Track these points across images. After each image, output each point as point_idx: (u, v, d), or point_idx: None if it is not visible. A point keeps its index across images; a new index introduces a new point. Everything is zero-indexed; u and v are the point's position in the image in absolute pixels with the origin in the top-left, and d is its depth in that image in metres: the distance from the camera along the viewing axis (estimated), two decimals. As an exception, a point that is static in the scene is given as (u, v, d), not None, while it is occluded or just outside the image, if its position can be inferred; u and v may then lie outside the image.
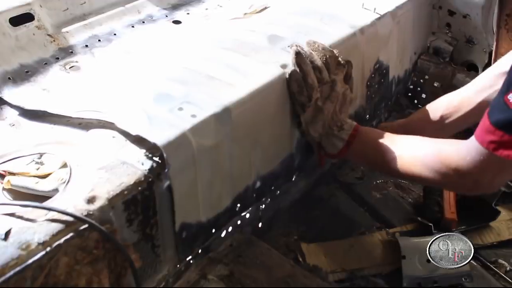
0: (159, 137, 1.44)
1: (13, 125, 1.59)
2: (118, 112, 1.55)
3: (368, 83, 2.27)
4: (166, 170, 1.44)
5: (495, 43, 2.42)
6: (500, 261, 2.29)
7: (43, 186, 1.39)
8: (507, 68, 1.62)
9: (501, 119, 1.41)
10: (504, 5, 2.33)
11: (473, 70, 2.64)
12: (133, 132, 1.47)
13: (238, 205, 1.79)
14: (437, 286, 2.17)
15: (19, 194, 1.40)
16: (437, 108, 2.02)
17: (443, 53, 2.74)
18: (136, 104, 1.59)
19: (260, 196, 1.90)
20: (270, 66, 1.81)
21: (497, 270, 2.25)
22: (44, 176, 1.41)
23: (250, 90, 1.70)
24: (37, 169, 1.43)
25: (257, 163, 1.80)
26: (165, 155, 1.42)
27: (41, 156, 1.46)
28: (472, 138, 1.51)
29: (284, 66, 1.81)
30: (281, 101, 1.82)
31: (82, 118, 1.57)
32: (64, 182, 1.36)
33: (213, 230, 1.73)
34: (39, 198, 1.35)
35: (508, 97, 1.39)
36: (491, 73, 1.89)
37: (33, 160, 1.45)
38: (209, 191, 1.63)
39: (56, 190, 1.36)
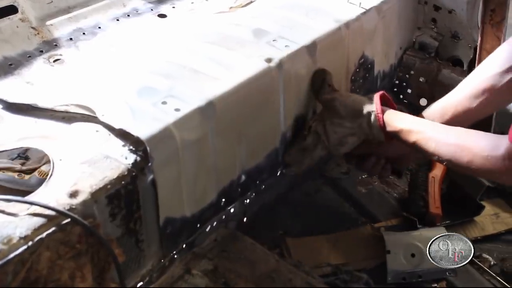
0: (143, 131, 1.43)
1: (-4, 119, 1.57)
2: (102, 105, 1.54)
3: (353, 77, 2.27)
4: (150, 164, 1.43)
5: (480, 39, 2.42)
6: (484, 255, 2.31)
7: (27, 181, 1.38)
8: (495, 71, 1.62)
9: None
10: (489, 0, 2.33)
11: (458, 66, 2.65)
12: (117, 126, 1.46)
13: (223, 199, 1.78)
14: (422, 280, 2.19)
15: (3, 190, 1.39)
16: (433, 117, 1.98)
17: (429, 48, 2.74)
18: (119, 98, 1.57)
19: (245, 190, 1.90)
20: (255, 60, 1.81)
21: (481, 265, 2.27)
22: (28, 172, 1.40)
23: (234, 84, 1.69)
24: (22, 164, 1.42)
25: (242, 157, 1.79)
26: (148, 149, 1.41)
27: (25, 151, 1.44)
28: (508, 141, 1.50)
29: (268, 60, 1.80)
30: (266, 95, 1.81)
31: (66, 112, 1.56)
32: (47, 178, 1.34)
33: (198, 225, 1.72)
34: (24, 193, 1.33)
35: None
36: (479, 78, 1.89)
37: (18, 155, 1.44)
38: (193, 185, 1.62)
39: (40, 187, 1.34)
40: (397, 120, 1.81)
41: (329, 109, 1.90)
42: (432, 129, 1.76)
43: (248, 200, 2.00)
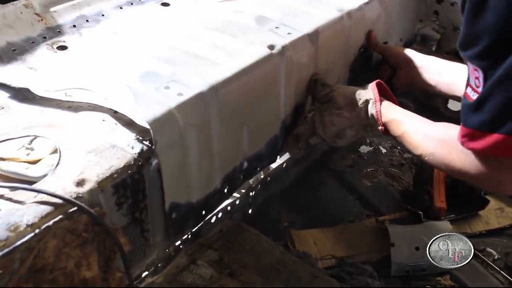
0: (146, 114, 1.42)
1: (2, 108, 1.55)
2: (105, 90, 1.54)
3: (352, 67, 2.27)
4: (153, 147, 1.42)
5: (483, 31, 2.41)
6: (488, 249, 2.31)
7: (33, 171, 1.35)
8: None
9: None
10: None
11: (459, 58, 2.63)
12: (119, 110, 1.46)
13: (227, 186, 1.78)
14: (425, 273, 2.19)
15: (8, 179, 1.36)
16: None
17: (431, 40, 2.73)
18: (122, 83, 1.56)
19: (246, 177, 1.90)
20: (257, 46, 1.80)
21: (485, 259, 2.27)
22: (34, 162, 1.38)
23: (237, 70, 1.68)
24: (27, 154, 1.39)
25: (244, 143, 1.79)
26: (151, 131, 1.40)
27: (31, 141, 1.42)
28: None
29: (271, 47, 1.79)
30: (268, 81, 1.81)
31: (72, 101, 1.54)
32: (53, 168, 1.33)
33: (203, 212, 1.72)
34: (29, 183, 1.30)
35: (466, 90, 1.41)
36: None
37: (23, 146, 1.41)
38: (197, 171, 1.61)
39: (46, 176, 1.33)
40: (390, 110, 1.81)
41: (327, 101, 1.91)
42: (420, 122, 1.76)
43: (253, 192, 1.99)
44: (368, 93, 1.85)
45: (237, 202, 1.93)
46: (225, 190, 1.78)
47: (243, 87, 1.70)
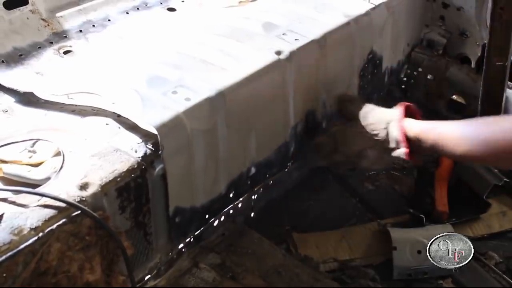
0: (153, 119, 1.44)
1: (6, 111, 1.57)
2: (112, 95, 1.55)
3: (362, 73, 2.26)
4: (160, 152, 1.43)
5: (489, 37, 2.41)
6: (490, 253, 2.32)
7: (35, 174, 1.37)
8: None
9: None
10: (498, -1, 2.32)
11: (466, 63, 2.63)
12: (126, 115, 1.47)
13: (232, 191, 1.78)
14: (427, 277, 2.19)
15: (11, 182, 1.38)
16: None
17: (437, 45, 2.72)
18: (129, 88, 1.58)
19: (254, 183, 1.90)
20: (265, 52, 1.81)
21: (487, 262, 2.27)
22: (36, 165, 1.40)
23: (244, 75, 1.69)
24: (30, 157, 1.41)
25: (252, 149, 1.80)
26: (159, 136, 1.41)
27: (33, 144, 1.44)
28: None
29: (278, 53, 1.80)
30: (276, 87, 1.82)
31: (76, 105, 1.56)
32: (56, 171, 1.34)
33: (207, 216, 1.72)
34: (31, 186, 1.32)
35: None
36: None
37: (26, 148, 1.43)
38: (203, 176, 1.62)
39: (48, 179, 1.34)
40: (416, 124, 1.75)
41: (352, 119, 1.88)
42: (452, 123, 1.67)
43: (255, 196, 2.00)
44: (393, 114, 1.79)
45: (240, 205, 1.94)
46: (231, 195, 1.79)
47: (250, 92, 1.72)
